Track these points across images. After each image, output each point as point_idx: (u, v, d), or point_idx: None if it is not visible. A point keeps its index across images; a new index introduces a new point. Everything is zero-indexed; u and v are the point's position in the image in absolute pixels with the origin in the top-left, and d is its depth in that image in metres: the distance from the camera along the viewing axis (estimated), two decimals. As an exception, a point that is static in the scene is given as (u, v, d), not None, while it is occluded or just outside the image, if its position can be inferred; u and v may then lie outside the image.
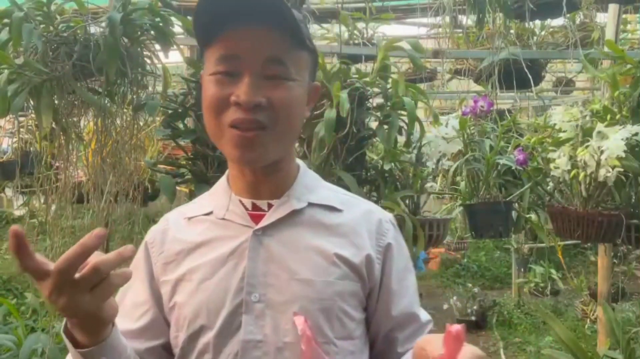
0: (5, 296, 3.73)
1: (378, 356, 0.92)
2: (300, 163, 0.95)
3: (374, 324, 0.90)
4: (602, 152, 1.75)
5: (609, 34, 2.80)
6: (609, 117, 1.91)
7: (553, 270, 5.85)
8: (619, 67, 1.98)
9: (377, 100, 1.89)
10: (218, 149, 0.92)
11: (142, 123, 1.94)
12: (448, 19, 2.77)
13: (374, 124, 1.86)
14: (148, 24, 1.72)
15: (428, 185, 2.05)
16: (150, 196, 3.12)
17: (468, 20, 2.96)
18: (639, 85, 1.91)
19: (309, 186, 0.92)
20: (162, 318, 0.90)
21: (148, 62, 1.82)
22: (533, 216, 2.15)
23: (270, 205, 0.88)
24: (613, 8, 2.79)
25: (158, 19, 1.74)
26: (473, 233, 2.08)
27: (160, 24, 1.74)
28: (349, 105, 1.57)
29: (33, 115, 1.79)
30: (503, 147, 2.08)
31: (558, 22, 3.34)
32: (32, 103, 1.66)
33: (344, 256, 0.86)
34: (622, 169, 1.75)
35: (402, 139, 1.83)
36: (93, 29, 1.68)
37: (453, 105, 4.78)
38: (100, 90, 1.74)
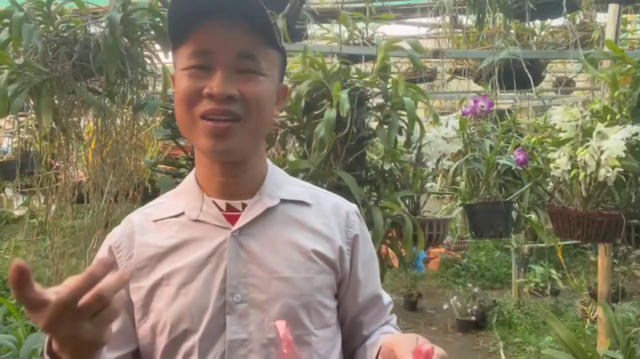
0: (5, 296, 3.73)
1: (345, 339, 0.96)
2: (268, 161, 0.95)
3: (342, 310, 0.95)
4: (602, 152, 1.75)
5: (609, 34, 2.80)
6: (609, 117, 1.91)
7: (553, 270, 5.85)
8: (619, 67, 1.98)
9: (377, 100, 1.89)
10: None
11: (142, 123, 1.94)
12: (448, 19, 2.77)
13: (374, 124, 1.86)
14: (148, 24, 1.72)
15: (428, 185, 2.06)
16: (150, 196, 3.12)
17: (468, 20, 2.96)
18: (639, 85, 1.91)
19: (279, 183, 0.93)
20: (130, 323, 0.87)
21: (148, 62, 1.82)
22: (533, 216, 2.15)
23: (244, 205, 0.88)
24: (613, 8, 2.79)
25: (158, 19, 1.74)
26: (473, 233, 2.08)
27: (160, 24, 1.74)
28: (349, 105, 1.57)
29: (33, 115, 1.79)
30: (503, 147, 2.08)
31: (558, 22, 3.34)
32: (32, 103, 1.66)
33: (321, 252, 0.89)
34: (622, 169, 1.75)
35: (402, 139, 1.83)
36: (93, 29, 1.68)
37: (453, 105, 4.78)
38: (100, 90, 1.74)
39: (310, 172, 1.68)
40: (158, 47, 1.82)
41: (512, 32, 3.20)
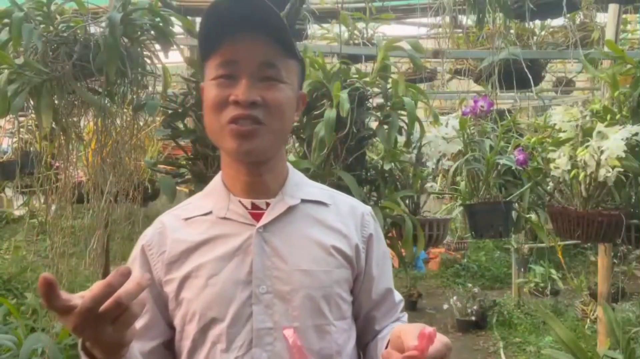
0: (5, 296, 3.73)
1: (359, 334, 1.03)
2: (288, 164, 1.03)
3: (357, 305, 1.02)
4: (602, 152, 1.75)
5: (609, 34, 2.80)
6: (609, 117, 1.91)
7: (553, 270, 5.85)
8: (619, 67, 1.98)
9: (377, 100, 1.89)
10: (218, 149, 0.99)
11: (142, 123, 1.94)
12: (448, 19, 2.77)
13: (374, 124, 1.86)
14: (148, 24, 1.72)
15: (428, 185, 2.06)
16: (150, 196, 3.12)
17: (468, 20, 2.96)
18: (639, 85, 1.91)
19: (299, 184, 1.01)
20: (160, 316, 0.95)
21: (148, 62, 1.82)
22: (533, 216, 2.15)
23: (268, 204, 0.96)
24: (613, 8, 2.79)
25: (158, 19, 1.74)
26: (473, 233, 2.08)
27: (160, 24, 1.74)
28: (349, 105, 1.57)
29: (33, 115, 1.79)
30: (503, 147, 2.08)
31: (558, 22, 3.34)
32: (32, 103, 1.66)
33: (339, 248, 0.96)
34: (622, 169, 1.75)
35: (402, 139, 1.83)
36: (93, 29, 1.68)
37: (453, 105, 4.78)
38: (100, 90, 1.74)
39: (310, 171, 1.68)
40: (158, 47, 1.82)
41: (512, 32, 3.20)
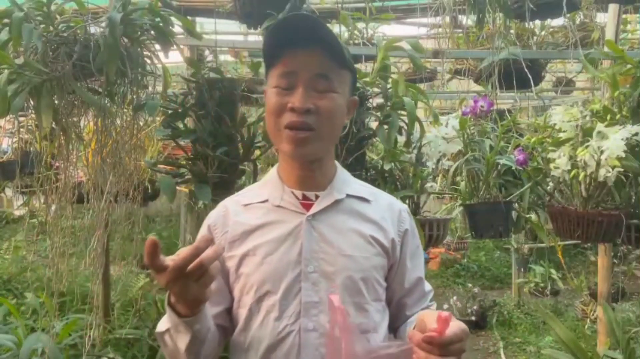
0: (5, 296, 3.73)
1: (391, 318, 1.15)
2: (336, 162, 1.17)
3: (390, 292, 1.15)
4: (602, 152, 1.75)
5: (609, 34, 2.80)
6: (609, 117, 1.91)
7: (553, 270, 5.84)
8: (619, 67, 1.98)
9: (377, 100, 1.89)
10: (218, 149, 1.03)
11: (142, 123, 1.94)
12: (448, 19, 2.77)
13: (374, 124, 1.86)
14: (148, 24, 1.72)
15: (428, 185, 2.06)
16: (150, 196, 3.13)
17: (468, 20, 2.95)
18: (639, 85, 1.91)
19: (346, 181, 1.15)
20: (224, 286, 1.10)
21: (148, 62, 1.82)
22: (533, 216, 2.15)
23: (317, 196, 1.10)
24: (613, 8, 2.79)
25: (158, 19, 1.74)
26: (473, 233, 2.08)
27: (160, 24, 1.74)
28: (349, 105, 1.57)
29: (33, 115, 1.79)
30: (503, 147, 2.08)
31: (558, 22, 3.34)
32: (32, 103, 1.66)
33: (377, 238, 1.10)
34: (622, 169, 1.75)
35: (402, 139, 1.83)
36: (93, 29, 1.68)
37: (453, 105, 4.77)
38: (100, 90, 1.74)
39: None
40: (158, 47, 1.82)
41: (512, 32, 3.20)
